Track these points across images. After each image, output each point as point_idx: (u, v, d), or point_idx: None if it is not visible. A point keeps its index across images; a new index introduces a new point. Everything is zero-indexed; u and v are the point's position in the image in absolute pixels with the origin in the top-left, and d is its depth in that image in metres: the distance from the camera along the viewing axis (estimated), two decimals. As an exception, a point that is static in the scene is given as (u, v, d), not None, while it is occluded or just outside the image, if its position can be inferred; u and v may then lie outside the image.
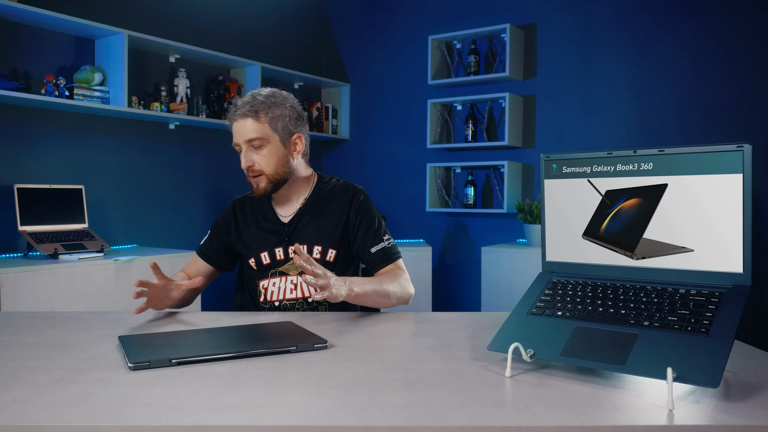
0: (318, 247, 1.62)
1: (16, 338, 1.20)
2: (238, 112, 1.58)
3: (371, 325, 1.35)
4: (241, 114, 1.58)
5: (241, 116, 1.58)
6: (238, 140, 1.59)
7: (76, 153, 3.16)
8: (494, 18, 3.90)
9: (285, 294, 1.62)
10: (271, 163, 1.59)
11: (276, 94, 1.62)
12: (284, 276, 1.63)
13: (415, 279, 3.65)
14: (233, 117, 1.60)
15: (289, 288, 1.62)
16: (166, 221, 3.61)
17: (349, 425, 0.75)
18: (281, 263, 1.63)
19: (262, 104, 1.58)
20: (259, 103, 1.58)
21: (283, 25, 4.38)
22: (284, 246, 1.64)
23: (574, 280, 1.13)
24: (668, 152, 1.04)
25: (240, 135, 1.58)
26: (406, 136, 4.35)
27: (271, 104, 1.59)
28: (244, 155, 1.59)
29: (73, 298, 2.59)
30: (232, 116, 1.60)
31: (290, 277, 1.62)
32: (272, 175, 1.60)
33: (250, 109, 1.58)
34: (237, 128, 1.59)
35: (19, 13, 2.76)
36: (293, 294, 1.61)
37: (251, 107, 1.58)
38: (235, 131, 1.60)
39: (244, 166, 1.60)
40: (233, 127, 1.60)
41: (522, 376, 0.95)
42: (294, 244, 1.44)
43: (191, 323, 1.35)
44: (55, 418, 0.77)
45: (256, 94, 1.61)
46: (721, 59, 3.28)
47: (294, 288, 1.62)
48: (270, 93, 1.62)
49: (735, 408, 0.81)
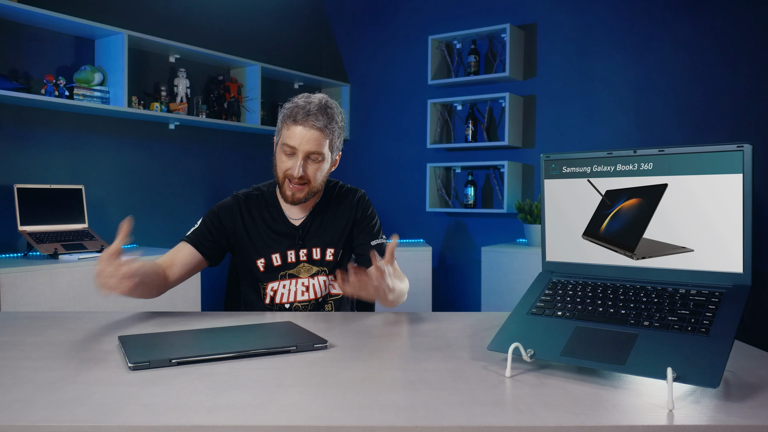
0: (331, 250, 1.64)
1: (16, 338, 1.20)
2: (314, 122, 1.48)
3: (371, 325, 1.35)
4: (317, 126, 1.49)
5: (314, 127, 1.49)
6: (298, 146, 1.49)
7: (76, 153, 3.16)
8: (494, 18, 3.90)
9: (296, 296, 1.62)
10: (319, 178, 1.55)
11: (339, 109, 1.56)
12: (295, 278, 1.62)
13: (415, 279, 3.67)
14: (303, 121, 1.49)
15: (300, 290, 1.62)
16: (166, 221, 3.61)
17: (349, 425, 0.75)
18: (292, 266, 1.62)
19: (333, 120, 1.52)
20: (330, 117, 1.51)
21: (283, 25, 4.38)
22: (296, 249, 1.62)
23: (574, 280, 1.13)
24: (668, 152, 1.04)
25: (305, 143, 1.49)
26: (406, 136, 4.35)
27: (338, 121, 1.54)
28: (301, 165, 1.50)
29: (73, 298, 2.59)
30: (303, 120, 1.49)
31: (301, 280, 1.62)
32: (314, 188, 1.56)
33: (326, 123, 1.50)
34: (304, 136, 1.49)
35: (19, 13, 2.76)
36: (305, 296, 1.62)
37: (327, 121, 1.50)
38: (298, 136, 1.49)
39: (296, 174, 1.50)
40: (298, 131, 1.49)
41: (522, 376, 0.95)
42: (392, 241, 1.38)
43: (191, 323, 1.35)
44: (55, 418, 0.77)
45: (325, 103, 1.52)
46: (721, 59, 3.28)
47: (306, 290, 1.62)
48: (336, 106, 1.55)
49: (735, 408, 0.81)
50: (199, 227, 1.61)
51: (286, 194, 1.56)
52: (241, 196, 1.67)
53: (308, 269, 1.63)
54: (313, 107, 1.50)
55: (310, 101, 1.52)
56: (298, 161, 1.51)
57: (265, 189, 1.68)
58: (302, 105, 1.51)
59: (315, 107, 1.50)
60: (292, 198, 1.55)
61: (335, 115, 1.53)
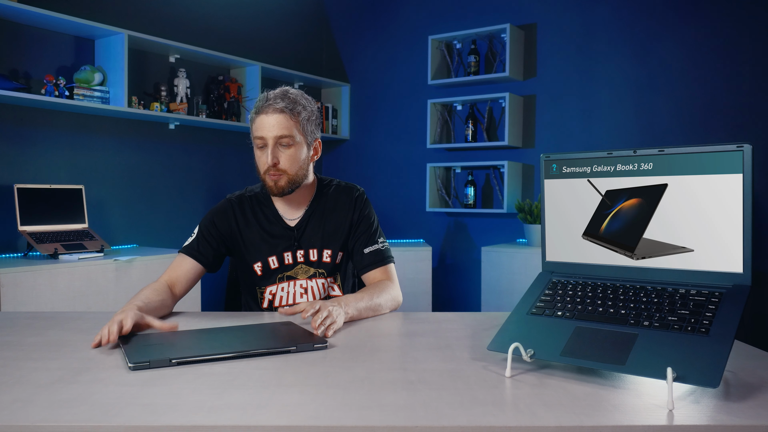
0: (327, 251, 1.61)
1: (16, 338, 1.20)
2: (273, 105, 1.48)
3: (371, 325, 1.35)
4: (278, 108, 1.48)
5: (275, 110, 1.48)
6: (265, 134, 1.48)
7: (76, 153, 3.16)
8: (494, 18, 3.90)
9: (295, 298, 1.60)
10: (294, 164, 1.51)
11: (305, 95, 1.56)
12: (293, 280, 1.60)
13: (415, 279, 3.67)
14: (265, 109, 1.49)
15: (299, 292, 1.60)
16: (166, 221, 3.61)
17: (349, 425, 0.75)
18: (290, 267, 1.60)
19: (296, 103, 1.51)
20: (292, 100, 1.50)
21: (283, 25, 4.38)
22: (293, 250, 1.60)
23: (574, 280, 1.13)
24: (668, 152, 1.04)
25: (270, 129, 1.48)
26: (406, 136, 4.35)
27: (303, 104, 1.52)
28: (271, 151, 1.49)
29: (73, 298, 2.59)
30: (264, 108, 1.49)
31: (299, 281, 1.60)
32: (293, 177, 1.52)
33: (286, 105, 1.49)
34: (268, 122, 1.48)
35: (19, 13, 2.76)
36: (303, 298, 1.60)
37: (288, 103, 1.49)
38: (264, 125, 1.49)
39: (270, 162, 1.49)
40: (262, 120, 1.49)
41: (522, 376, 0.95)
42: (279, 309, 1.42)
43: (191, 323, 1.35)
44: (55, 418, 0.77)
45: (285, 90, 1.53)
46: (721, 59, 3.28)
47: (304, 292, 1.60)
48: (300, 93, 1.55)
49: (735, 408, 0.81)
50: (196, 237, 1.58)
51: (269, 186, 1.53)
52: (234, 199, 1.64)
53: (306, 270, 1.61)
54: (272, 95, 1.51)
55: (269, 93, 1.53)
56: (269, 149, 1.49)
57: (258, 190, 1.65)
58: (263, 97, 1.52)
59: (274, 95, 1.51)
60: (275, 188, 1.52)
61: (298, 98, 1.52)
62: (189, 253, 1.56)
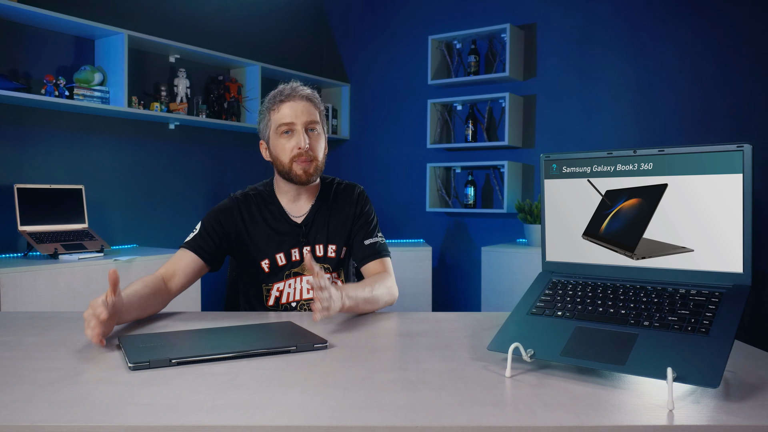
0: (332, 246, 1.63)
1: (16, 338, 1.20)
2: (301, 92, 1.55)
3: (371, 325, 1.35)
4: (305, 95, 1.55)
5: (302, 97, 1.55)
6: (295, 119, 1.53)
7: (75, 153, 3.16)
8: (494, 18, 3.90)
9: (302, 294, 1.60)
10: (321, 152, 1.57)
11: None
12: (299, 276, 1.61)
13: (415, 279, 3.67)
14: (292, 96, 1.54)
15: (306, 288, 1.60)
16: (166, 221, 3.61)
17: (349, 425, 0.75)
18: (297, 264, 1.60)
19: (317, 96, 1.60)
20: (313, 92, 1.59)
21: (283, 25, 4.38)
22: (300, 247, 1.60)
23: (574, 280, 1.13)
24: (668, 152, 1.04)
25: (300, 115, 1.53)
26: (406, 136, 4.35)
27: (318, 98, 1.61)
28: (303, 136, 1.52)
29: (73, 298, 2.59)
30: (291, 95, 1.54)
31: (306, 277, 1.60)
32: (321, 164, 1.58)
33: (312, 94, 1.57)
34: (297, 108, 1.53)
35: (19, 13, 2.76)
36: (310, 294, 1.60)
37: (312, 93, 1.57)
38: (293, 111, 1.53)
39: (305, 145, 1.52)
40: (290, 107, 1.54)
41: (522, 376, 0.95)
42: (306, 253, 1.42)
43: (191, 323, 1.35)
44: (55, 418, 0.77)
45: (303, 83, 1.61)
46: (721, 59, 3.28)
47: (311, 288, 1.60)
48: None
49: (735, 408, 0.81)
50: (198, 233, 1.56)
51: (298, 174, 1.54)
52: (238, 197, 1.63)
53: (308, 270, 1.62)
54: (294, 83, 1.58)
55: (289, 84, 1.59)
56: (301, 134, 1.53)
57: (262, 188, 1.65)
58: (282, 88, 1.58)
59: (296, 83, 1.58)
60: (305, 175, 1.54)
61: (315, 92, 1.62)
62: (189, 247, 1.54)
